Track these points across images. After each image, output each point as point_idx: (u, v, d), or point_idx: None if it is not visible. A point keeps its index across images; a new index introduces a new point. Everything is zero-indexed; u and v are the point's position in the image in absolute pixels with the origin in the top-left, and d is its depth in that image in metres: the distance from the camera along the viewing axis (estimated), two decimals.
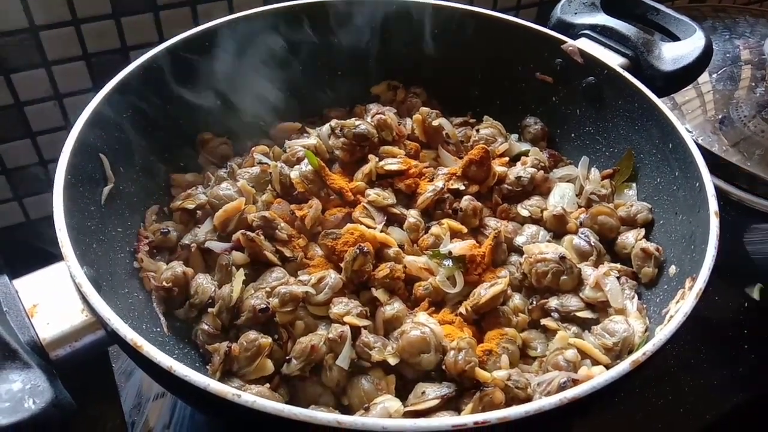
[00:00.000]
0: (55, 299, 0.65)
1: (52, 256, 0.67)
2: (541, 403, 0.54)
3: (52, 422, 0.55)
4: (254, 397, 0.53)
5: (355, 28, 1.04)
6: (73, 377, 0.63)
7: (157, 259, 0.84)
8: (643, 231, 0.87)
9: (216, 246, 0.82)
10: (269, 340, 0.73)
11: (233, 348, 0.72)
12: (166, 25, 1.17)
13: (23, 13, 1.06)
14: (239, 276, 0.78)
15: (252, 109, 1.00)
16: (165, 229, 0.86)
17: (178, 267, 0.80)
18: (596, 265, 0.84)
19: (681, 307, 0.64)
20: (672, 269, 0.80)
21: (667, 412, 0.92)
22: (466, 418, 0.53)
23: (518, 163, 0.97)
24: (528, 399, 0.69)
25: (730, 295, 1.06)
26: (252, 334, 0.73)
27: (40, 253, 0.70)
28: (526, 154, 0.99)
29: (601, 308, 0.80)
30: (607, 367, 0.72)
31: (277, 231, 0.83)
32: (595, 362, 0.74)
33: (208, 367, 0.74)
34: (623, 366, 0.58)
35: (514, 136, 1.04)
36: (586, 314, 0.79)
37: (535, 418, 0.54)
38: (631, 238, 0.86)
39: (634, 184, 0.93)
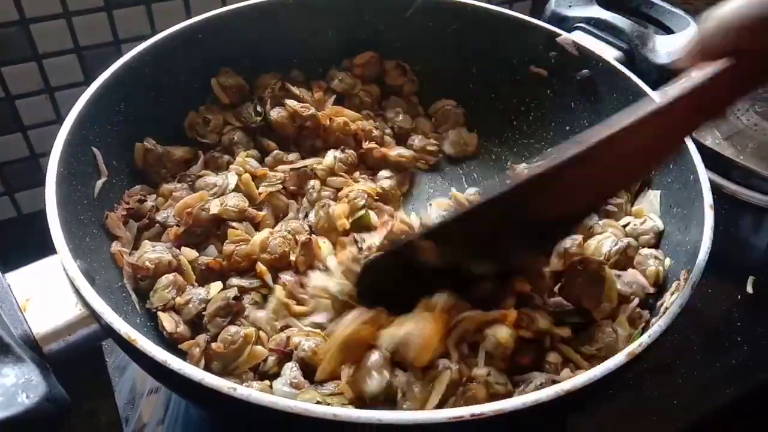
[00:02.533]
0: (48, 293, 0.64)
1: (45, 250, 0.66)
2: (538, 394, 0.54)
3: (46, 417, 0.54)
4: (250, 390, 0.53)
5: (347, 21, 1.05)
6: (66, 372, 0.62)
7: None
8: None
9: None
10: (252, 329, 0.73)
11: (216, 347, 0.71)
12: (158, 18, 1.17)
13: (14, 5, 1.05)
14: (216, 285, 0.78)
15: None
16: (143, 197, 0.85)
17: (166, 254, 0.79)
18: None
19: (676, 298, 0.64)
20: (667, 261, 0.80)
21: (660, 405, 0.92)
22: (463, 410, 0.52)
23: None
24: (508, 395, 0.66)
25: (723, 288, 1.06)
26: (232, 328, 0.73)
27: (32, 247, 0.69)
28: None
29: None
30: None
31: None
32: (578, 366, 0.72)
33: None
34: (619, 358, 0.58)
35: (523, 166, 1.02)
36: (573, 319, 0.77)
37: (531, 410, 0.54)
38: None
39: (658, 192, 0.88)
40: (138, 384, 0.92)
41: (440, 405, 0.63)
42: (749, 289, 1.04)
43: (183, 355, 0.72)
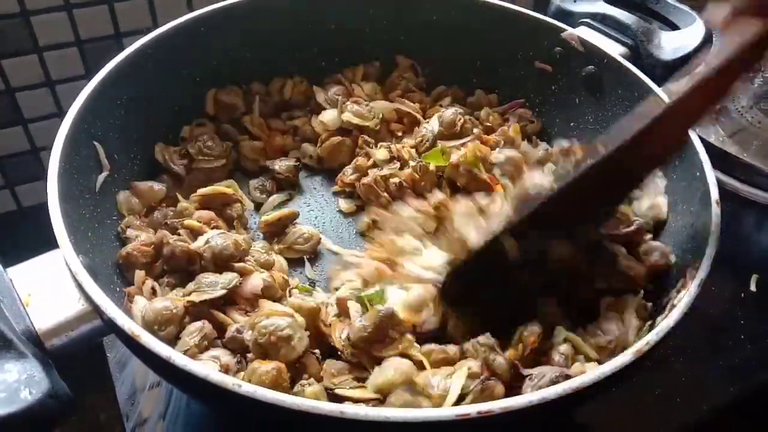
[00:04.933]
0: (51, 288, 0.64)
1: (46, 244, 0.66)
2: (545, 392, 0.54)
3: (49, 413, 0.54)
4: (255, 387, 0.53)
5: (350, 12, 1.04)
6: (67, 367, 0.62)
7: None
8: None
9: None
10: None
11: None
12: (160, 10, 1.16)
13: None
14: None
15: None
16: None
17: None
18: None
19: (684, 296, 0.64)
20: (672, 258, 0.79)
21: (662, 403, 0.92)
22: (470, 407, 0.52)
23: None
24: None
25: (726, 285, 1.05)
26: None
27: (31, 240, 0.69)
28: None
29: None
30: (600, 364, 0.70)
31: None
32: (589, 358, 0.72)
33: None
34: (627, 356, 0.57)
35: (543, 145, 1.00)
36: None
37: (537, 408, 0.54)
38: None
39: (664, 182, 0.87)
40: (139, 379, 0.91)
41: (459, 401, 0.63)
42: (752, 287, 1.04)
43: None
